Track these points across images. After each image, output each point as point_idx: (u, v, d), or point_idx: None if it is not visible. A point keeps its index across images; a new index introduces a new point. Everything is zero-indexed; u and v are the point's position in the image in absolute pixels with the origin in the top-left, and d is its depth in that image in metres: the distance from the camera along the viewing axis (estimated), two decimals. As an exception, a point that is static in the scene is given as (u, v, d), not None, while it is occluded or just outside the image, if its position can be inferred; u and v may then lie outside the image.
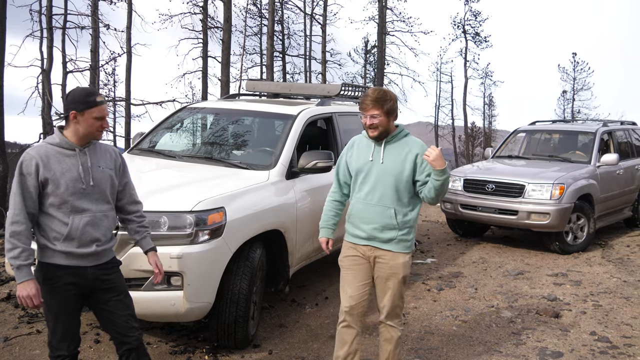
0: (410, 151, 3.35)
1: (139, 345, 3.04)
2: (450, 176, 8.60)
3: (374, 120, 3.31)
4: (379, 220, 3.36)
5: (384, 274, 3.40)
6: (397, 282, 3.40)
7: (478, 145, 40.78)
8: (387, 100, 3.31)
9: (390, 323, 3.49)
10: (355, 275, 3.45)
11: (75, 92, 2.86)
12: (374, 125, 3.32)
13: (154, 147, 5.63)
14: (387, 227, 3.36)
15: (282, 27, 29.78)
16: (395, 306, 3.46)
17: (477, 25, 39.02)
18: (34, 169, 2.73)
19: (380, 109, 3.29)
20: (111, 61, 22.97)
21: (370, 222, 3.38)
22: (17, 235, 2.70)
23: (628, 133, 9.95)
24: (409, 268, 3.46)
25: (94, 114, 2.82)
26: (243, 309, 4.10)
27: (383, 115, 3.30)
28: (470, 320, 5.16)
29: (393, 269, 3.38)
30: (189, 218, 3.78)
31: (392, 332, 3.50)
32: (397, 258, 3.39)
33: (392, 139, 3.40)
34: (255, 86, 6.93)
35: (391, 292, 3.42)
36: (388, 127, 3.36)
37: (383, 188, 3.34)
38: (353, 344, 3.45)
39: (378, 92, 3.34)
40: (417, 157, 3.33)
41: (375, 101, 3.30)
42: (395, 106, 3.36)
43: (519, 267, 7.13)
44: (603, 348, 4.54)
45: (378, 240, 3.39)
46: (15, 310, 4.97)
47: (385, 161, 3.37)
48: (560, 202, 7.51)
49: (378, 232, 3.37)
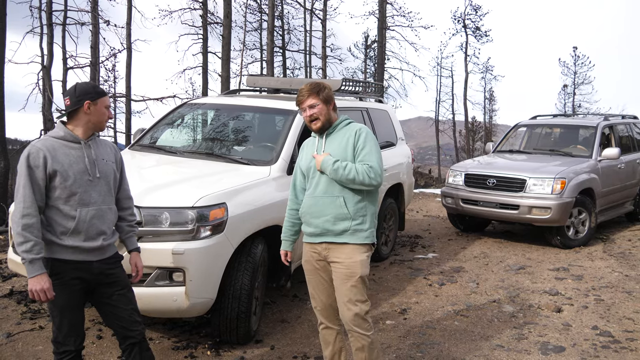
0: (350, 136, 3.23)
1: (142, 340, 3.05)
2: (452, 171, 8.65)
3: (314, 110, 3.23)
4: (329, 211, 3.19)
5: (341, 275, 3.20)
6: (354, 282, 3.17)
7: (479, 140, 40.75)
8: (323, 88, 3.25)
9: (357, 330, 3.21)
10: (319, 279, 3.35)
11: (83, 85, 2.90)
12: (314, 116, 3.24)
13: (155, 143, 5.63)
14: (339, 217, 3.18)
15: (282, 22, 29.70)
16: (357, 310, 3.18)
17: (477, 19, 38.90)
18: (42, 161, 2.72)
19: (316, 97, 3.23)
20: (111, 57, 23.03)
21: (321, 215, 3.22)
22: (29, 228, 2.67)
23: (629, 127, 9.94)
24: (367, 267, 3.23)
25: (105, 102, 2.92)
26: (245, 304, 4.10)
27: (321, 103, 3.23)
28: (471, 315, 5.16)
29: (350, 268, 3.17)
30: (191, 214, 3.79)
31: (362, 340, 3.22)
32: (354, 255, 3.18)
33: (334, 130, 3.30)
34: (256, 82, 6.92)
35: (349, 295, 3.18)
36: (329, 116, 3.28)
37: (328, 177, 3.20)
38: (336, 342, 3.42)
39: (311, 83, 3.29)
40: (355, 139, 3.21)
41: (310, 90, 3.24)
42: (331, 94, 3.29)
43: (520, 262, 7.13)
44: (605, 342, 4.55)
45: (331, 233, 3.21)
46: (18, 306, 4.98)
47: (326, 151, 3.26)
48: (562, 197, 7.51)
49: (330, 225, 3.20)
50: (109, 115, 2.95)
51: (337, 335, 3.43)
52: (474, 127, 41.64)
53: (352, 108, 6.43)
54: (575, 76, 41.98)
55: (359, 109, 6.57)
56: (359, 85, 6.82)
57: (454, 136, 40.98)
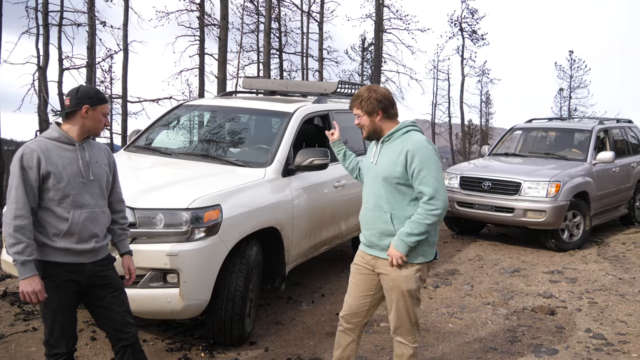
0: (402, 153, 3.05)
1: (135, 342, 3.05)
2: (447, 174, 8.67)
3: (358, 121, 3.22)
4: (376, 225, 3.14)
5: (387, 286, 3.18)
6: (399, 296, 3.14)
7: (475, 143, 40.90)
8: (365, 99, 3.15)
9: (399, 339, 3.25)
10: (357, 286, 3.31)
11: (85, 89, 2.91)
12: (360, 126, 3.24)
13: (151, 144, 5.62)
14: (385, 233, 3.11)
15: (279, 24, 29.68)
16: (402, 321, 3.20)
17: (474, 22, 39.03)
18: (36, 162, 2.71)
19: (359, 108, 3.18)
20: (108, 58, 23.01)
21: (369, 228, 3.19)
22: (21, 229, 2.66)
23: (624, 131, 9.98)
24: (413, 282, 3.12)
25: (104, 109, 2.91)
26: (239, 306, 4.10)
27: (363, 115, 3.18)
28: (465, 318, 5.17)
29: (394, 281, 3.13)
30: (185, 215, 3.78)
31: (402, 348, 3.25)
32: (398, 270, 3.11)
33: (389, 138, 3.17)
34: (252, 84, 6.92)
35: (395, 307, 3.18)
36: (375, 126, 3.18)
37: (377, 190, 3.15)
38: (347, 349, 3.39)
39: (358, 92, 3.22)
40: (406, 159, 3.02)
41: (353, 102, 3.22)
42: (376, 106, 3.14)
43: (514, 265, 7.15)
44: (598, 345, 4.56)
45: (377, 247, 3.17)
46: (11, 308, 4.96)
47: (378, 162, 3.18)
48: (556, 200, 7.53)
49: (376, 239, 3.15)
50: (105, 122, 2.94)
51: (351, 342, 3.39)
52: (470, 130, 41.80)
53: (348, 110, 6.42)
54: (571, 80, 42.21)
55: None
56: (355, 88, 6.82)
57: (450, 139, 41.08)
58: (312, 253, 5.42)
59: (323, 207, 5.35)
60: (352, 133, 6.41)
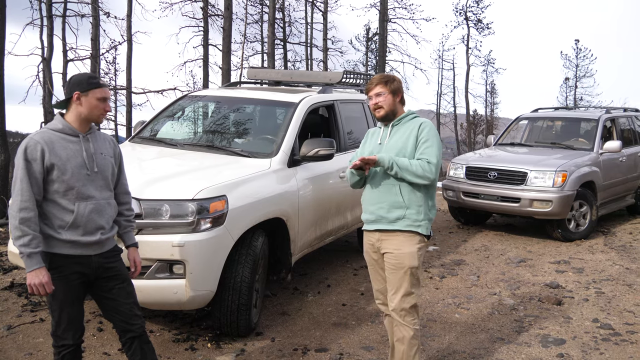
0: (414, 128, 3.29)
1: (142, 333, 3.04)
2: (453, 164, 8.64)
3: (379, 99, 3.30)
4: (385, 198, 3.27)
5: (390, 265, 3.27)
6: (402, 274, 3.23)
7: (480, 133, 40.66)
8: (392, 80, 3.33)
9: (400, 320, 3.28)
10: (376, 271, 3.45)
11: (78, 75, 2.88)
12: (379, 105, 3.31)
13: (155, 135, 5.62)
14: (394, 205, 3.24)
15: (283, 14, 29.57)
16: (403, 302, 3.25)
17: (479, 12, 38.80)
18: (40, 154, 2.70)
19: (385, 86, 3.30)
20: (112, 49, 22.93)
21: (377, 202, 3.30)
22: (27, 221, 2.65)
23: (631, 120, 9.91)
24: (416, 259, 3.24)
25: (97, 94, 2.82)
26: (245, 297, 4.10)
27: (388, 94, 3.30)
28: (472, 308, 5.16)
29: (398, 258, 3.23)
30: (191, 206, 3.78)
31: (403, 331, 3.28)
32: (404, 247, 3.22)
33: (399, 122, 3.36)
34: (257, 74, 6.89)
35: (397, 287, 3.25)
36: (394, 107, 3.34)
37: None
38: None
39: (383, 74, 3.40)
40: (418, 131, 3.26)
41: (380, 80, 3.33)
42: (400, 87, 3.36)
43: (521, 255, 7.13)
44: (605, 335, 4.55)
45: (385, 220, 3.27)
46: (19, 299, 4.98)
47: (390, 141, 3.33)
48: (563, 190, 7.49)
49: (385, 212, 3.26)
50: (104, 107, 2.86)
51: None
52: (475, 120, 41.56)
53: (353, 100, 6.40)
54: (577, 69, 41.93)
55: (360, 101, 6.55)
56: (360, 78, 6.79)
57: (455, 129, 40.93)
58: (318, 243, 5.41)
59: (329, 197, 5.33)
60: (358, 123, 6.39)
